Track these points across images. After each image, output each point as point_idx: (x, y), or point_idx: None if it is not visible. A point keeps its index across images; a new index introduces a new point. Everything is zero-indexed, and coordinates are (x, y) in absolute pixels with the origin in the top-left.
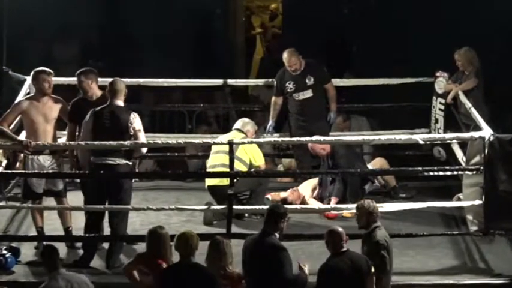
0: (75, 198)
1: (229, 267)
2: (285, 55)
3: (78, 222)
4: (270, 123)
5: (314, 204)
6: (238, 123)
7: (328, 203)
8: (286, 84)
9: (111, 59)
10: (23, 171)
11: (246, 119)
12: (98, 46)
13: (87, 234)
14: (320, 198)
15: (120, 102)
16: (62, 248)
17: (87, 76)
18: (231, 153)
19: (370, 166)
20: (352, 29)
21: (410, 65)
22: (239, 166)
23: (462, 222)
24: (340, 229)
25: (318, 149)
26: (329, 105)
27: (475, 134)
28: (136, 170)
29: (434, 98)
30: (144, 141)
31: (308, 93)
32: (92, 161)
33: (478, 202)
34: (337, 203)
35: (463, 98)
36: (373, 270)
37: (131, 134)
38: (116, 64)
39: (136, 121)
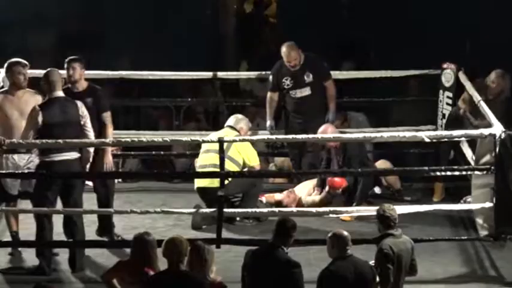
0: None
1: (210, 276)
2: (284, 49)
3: (56, 227)
4: (269, 123)
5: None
6: (231, 120)
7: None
8: (283, 80)
9: (90, 50)
10: None
11: (239, 116)
12: (77, 36)
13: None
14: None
15: (61, 93)
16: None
17: (81, 65)
18: (222, 152)
19: None
20: (352, 17)
21: (415, 56)
22: (231, 167)
23: (471, 226)
24: (346, 233)
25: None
26: (328, 104)
27: (485, 131)
28: (120, 170)
29: (441, 91)
30: (91, 131)
31: (306, 91)
32: (43, 159)
33: (488, 204)
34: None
35: (471, 90)
36: (378, 279)
37: (82, 123)
38: (95, 55)
39: (84, 109)
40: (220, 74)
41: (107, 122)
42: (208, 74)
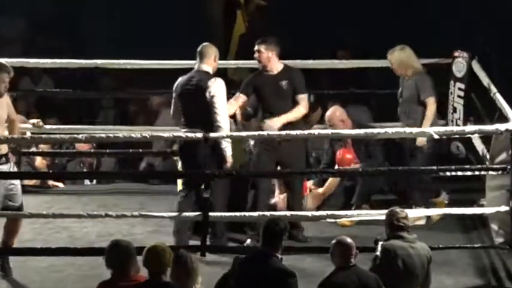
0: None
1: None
2: None
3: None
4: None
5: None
6: None
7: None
8: None
9: (65, 36)
10: None
11: None
12: (49, 21)
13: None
14: None
15: (204, 67)
16: None
17: (268, 47)
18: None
19: None
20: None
21: (424, 44)
22: None
23: (485, 232)
24: (349, 240)
25: (337, 120)
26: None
27: (501, 127)
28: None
29: (452, 82)
30: (220, 112)
31: None
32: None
33: (504, 208)
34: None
35: (485, 81)
36: None
37: (209, 101)
38: (71, 42)
39: (214, 86)
40: None
41: (301, 103)
42: (192, 63)
